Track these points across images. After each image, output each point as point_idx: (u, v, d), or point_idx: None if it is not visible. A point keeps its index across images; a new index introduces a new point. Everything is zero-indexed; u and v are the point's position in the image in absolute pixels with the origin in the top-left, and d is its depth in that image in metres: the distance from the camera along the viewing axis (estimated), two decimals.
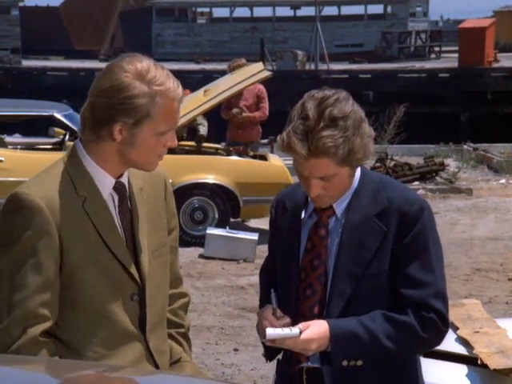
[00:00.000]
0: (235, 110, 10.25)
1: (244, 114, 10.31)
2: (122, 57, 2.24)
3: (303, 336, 2.26)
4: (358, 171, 2.42)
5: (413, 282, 2.30)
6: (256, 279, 7.86)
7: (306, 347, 2.27)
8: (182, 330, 2.44)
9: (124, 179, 2.29)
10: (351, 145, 2.31)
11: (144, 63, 2.21)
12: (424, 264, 2.31)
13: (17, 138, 11.37)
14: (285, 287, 2.41)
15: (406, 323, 2.29)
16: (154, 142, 2.22)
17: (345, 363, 2.29)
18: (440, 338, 2.36)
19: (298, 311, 2.36)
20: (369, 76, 24.25)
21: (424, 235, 2.33)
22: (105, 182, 2.26)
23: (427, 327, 2.31)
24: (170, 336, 2.40)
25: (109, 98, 2.18)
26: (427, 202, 2.41)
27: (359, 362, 2.30)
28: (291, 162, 2.53)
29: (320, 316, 2.33)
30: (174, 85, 2.22)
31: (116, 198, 2.28)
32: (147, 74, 2.19)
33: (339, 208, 2.39)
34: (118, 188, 2.28)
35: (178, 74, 2.44)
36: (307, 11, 33.47)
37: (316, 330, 2.27)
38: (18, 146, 9.89)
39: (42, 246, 2.17)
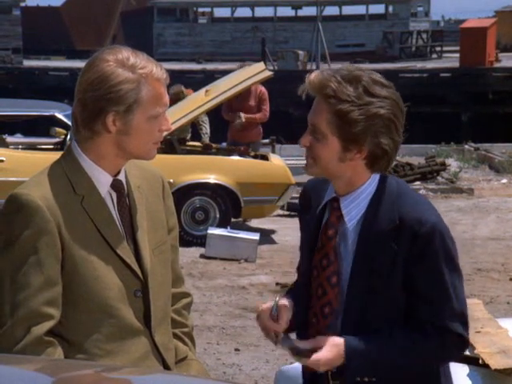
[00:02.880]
0: (237, 122, 10.26)
1: (243, 117, 10.30)
2: (101, 50, 2.27)
3: (313, 358, 2.20)
4: (377, 177, 2.29)
5: (425, 302, 2.24)
6: (257, 279, 7.89)
7: (314, 367, 2.23)
8: (186, 330, 2.44)
9: (121, 177, 2.30)
10: (354, 115, 2.20)
11: (124, 52, 2.24)
12: (436, 284, 2.24)
13: (18, 138, 11.38)
14: (300, 283, 2.40)
15: (423, 344, 2.23)
16: (148, 127, 2.23)
17: (357, 379, 2.24)
18: (458, 356, 2.34)
19: (311, 309, 2.33)
20: None
21: (435, 257, 2.22)
22: (102, 180, 2.26)
23: (446, 349, 2.26)
24: (175, 335, 2.40)
25: (96, 91, 2.19)
26: (442, 221, 2.27)
27: (373, 379, 2.25)
28: (292, 161, 2.52)
29: (330, 315, 2.29)
30: (156, 67, 2.24)
31: (114, 195, 2.28)
32: (128, 60, 2.21)
33: (348, 212, 2.27)
34: (116, 185, 2.28)
35: (179, 74, 2.46)
36: (308, 11, 33.51)
37: (328, 353, 2.21)
38: (19, 146, 9.90)
39: (42, 245, 2.18)
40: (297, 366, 2.91)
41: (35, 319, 2.16)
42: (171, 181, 8.41)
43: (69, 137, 9.40)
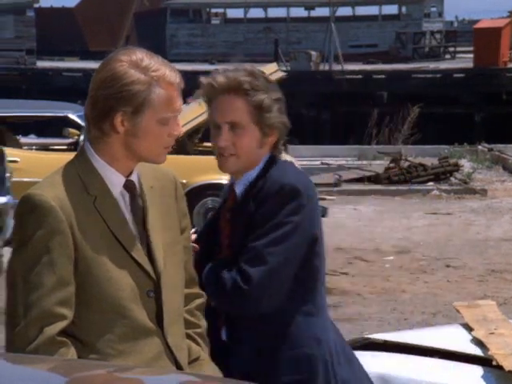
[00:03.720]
0: None
1: None
2: (116, 50, 2.29)
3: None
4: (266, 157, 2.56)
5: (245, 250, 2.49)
6: None
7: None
8: (199, 330, 2.44)
9: (134, 178, 2.30)
10: (267, 102, 2.48)
11: (138, 53, 2.24)
12: (259, 236, 2.48)
13: (32, 139, 11.42)
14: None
15: (221, 278, 2.49)
16: (158, 131, 2.23)
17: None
18: (238, 295, 2.46)
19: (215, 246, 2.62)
20: (383, 77, 24.21)
21: (271, 213, 2.47)
22: (115, 181, 2.26)
23: (227, 285, 2.47)
24: (188, 336, 2.41)
25: (106, 89, 2.21)
26: (301, 190, 2.51)
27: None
28: (305, 162, 2.56)
29: (220, 254, 2.59)
30: (170, 71, 2.24)
31: (127, 196, 2.28)
32: (141, 62, 2.22)
33: (239, 191, 2.57)
34: (129, 186, 2.28)
35: (192, 75, 2.46)
36: (321, 12, 33.45)
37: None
38: (33, 147, 9.94)
39: (55, 245, 2.18)
40: None
41: (48, 319, 2.17)
42: (184, 181, 8.43)
43: (82, 137, 9.44)
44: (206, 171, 9.04)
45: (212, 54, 31.89)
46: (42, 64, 28.66)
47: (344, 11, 33.26)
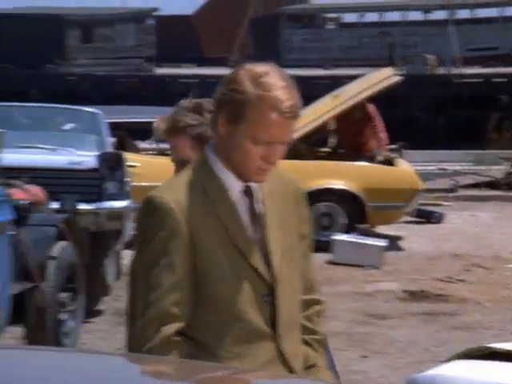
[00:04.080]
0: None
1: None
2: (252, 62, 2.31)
3: None
4: None
5: None
6: (383, 286, 7.79)
7: None
8: (317, 337, 2.41)
9: (253, 183, 2.30)
10: (207, 133, 2.62)
11: (264, 68, 2.24)
12: None
13: (150, 144, 11.69)
14: None
15: None
16: (250, 148, 2.22)
17: None
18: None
19: None
20: (504, 80, 23.56)
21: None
22: (234, 186, 2.28)
23: None
24: (305, 342, 2.38)
25: (220, 86, 2.26)
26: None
27: None
28: (419, 167, 2.49)
29: None
30: (284, 97, 2.19)
31: (246, 200, 2.30)
32: (261, 77, 2.21)
33: None
34: (248, 191, 2.30)
35: (304, 80, 2.44)
36: (439, 15, 32.86)
37: None
38: (150, 152, 10.16)
39: (173, 247, 2.21)
40: (429, 375, 2.86)
41: (165, 319, 2.20)
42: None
43: None
44: (320, 176, 9.02)
45: (326, 58, 31.83)
46: (160, 71, 29.31)
47: (462, 14, 32.58)
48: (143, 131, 12.03)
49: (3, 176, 5.84)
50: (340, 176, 9.04)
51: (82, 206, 6.61)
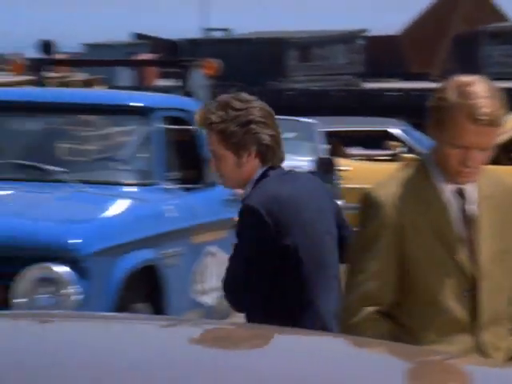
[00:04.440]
0: None
1: None
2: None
3: None
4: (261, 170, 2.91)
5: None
6: None
7: None
8: None
9: (468, 186, 2.43)
10: (231, 128, 2.90)
11: (471, 78, 2.37)
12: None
13: (358, 150, 12.82)
14: None
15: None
16: (448, 151, 2.37)
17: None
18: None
19: None
20: None
21: (237, 229, 2.89)
22: (445, 187, 2.41)
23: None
24: None
25: (432, 96, 2.41)
26: (255, 204, 2.80)
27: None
28: None
29: None
30: (481, 105, 2.30)
31: (458, 201, 2.42)
32: (466, 87, 2.34)
33: None
34: (460, 193, 2.41)
35: (505, 91, 2.48)
36: None
37: None
38: (356, 157, 11.06)
39: (383, 236, 2.40)
40: None
41: (366, 301, 2.42)
42: None
43: (400, 149, 10.45)
44: None
45: None
46: (368, 85, 31.93)
47: None
48: (354, 139, 14.14)
49: None
50: None
51: None
